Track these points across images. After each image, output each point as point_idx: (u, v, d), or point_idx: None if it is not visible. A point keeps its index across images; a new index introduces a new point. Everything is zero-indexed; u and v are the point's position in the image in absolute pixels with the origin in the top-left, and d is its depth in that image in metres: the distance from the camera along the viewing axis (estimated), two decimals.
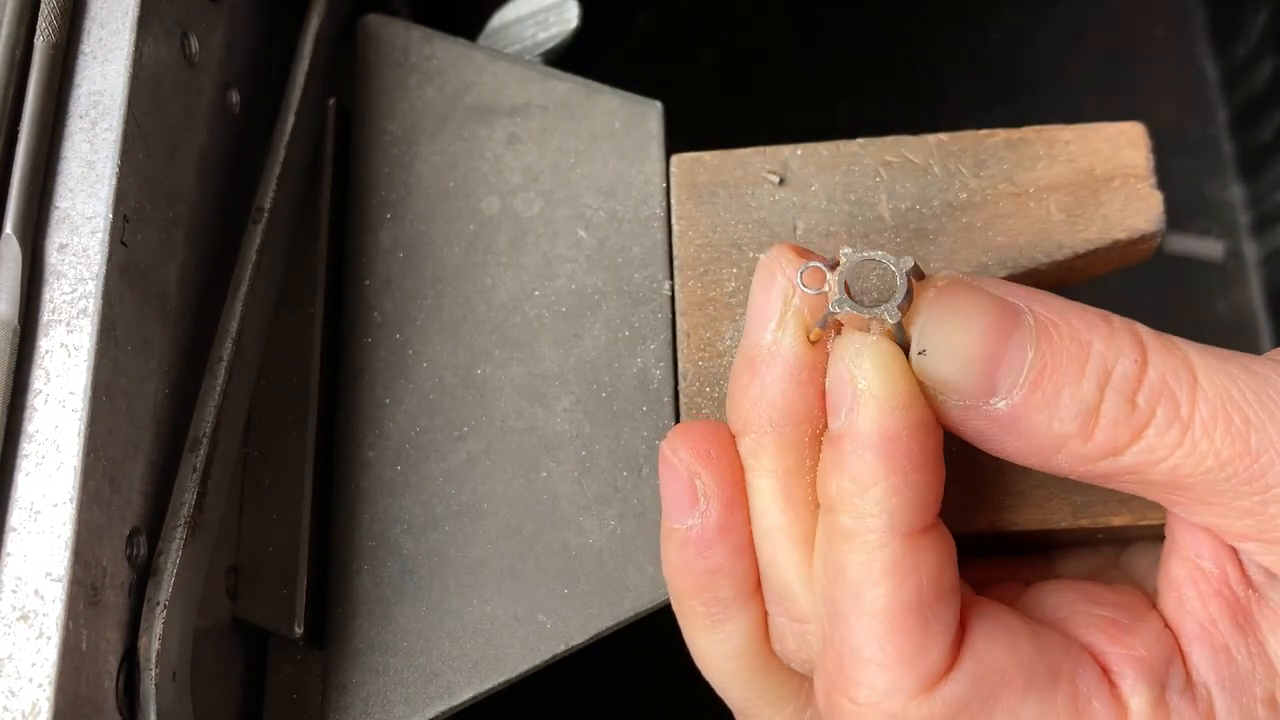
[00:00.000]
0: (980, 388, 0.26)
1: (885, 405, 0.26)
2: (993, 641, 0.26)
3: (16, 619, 0.26)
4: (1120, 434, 0.26)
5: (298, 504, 0.34)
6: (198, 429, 0.31)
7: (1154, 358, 0.26)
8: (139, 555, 0.29)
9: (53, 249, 0.29)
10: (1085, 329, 0.26)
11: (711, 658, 0.30)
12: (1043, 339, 0.26)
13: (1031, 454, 0.26)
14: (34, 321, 0.29)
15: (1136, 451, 0.26)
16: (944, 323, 0.26)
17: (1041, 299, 0.27)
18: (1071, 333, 0.26)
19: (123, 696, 0.28)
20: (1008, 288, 0.27)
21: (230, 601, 0.34)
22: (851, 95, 0.61)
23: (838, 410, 0.27)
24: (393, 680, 0.32)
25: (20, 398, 0.28)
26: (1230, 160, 0.60)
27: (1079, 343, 0.26)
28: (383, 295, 0.36)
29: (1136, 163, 0.34)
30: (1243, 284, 0.58)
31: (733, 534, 0.28)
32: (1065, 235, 0.33)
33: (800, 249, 0.28)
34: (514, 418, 0.34)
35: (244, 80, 0.37)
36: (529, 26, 0.39)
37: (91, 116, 0.30)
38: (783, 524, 0.28)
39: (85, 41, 0.31)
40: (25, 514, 0.27)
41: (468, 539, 0.33)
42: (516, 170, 0.37)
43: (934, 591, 0.26)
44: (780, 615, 0.29)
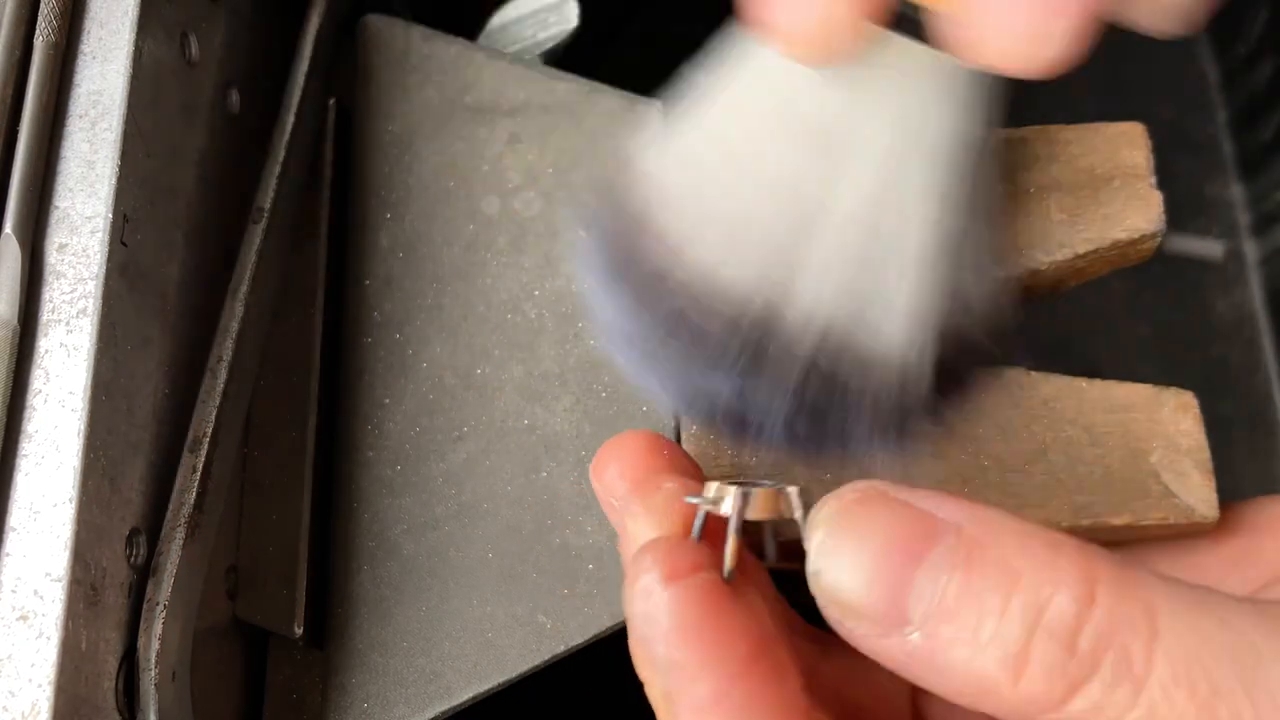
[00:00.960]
0: (888, 614, 0.22)
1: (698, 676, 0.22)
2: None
3: (16, 619, 0.26)
4: (1055, 684, 0.21)
5: (297, 504, 0.34)
6: (198, 429, 0.31)
7: (1105, 599, 0.22)
8: (139, 555, 0.29)
9: (52, 249, 0.29)
10: (1017, 554, 0.22)
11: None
12: (966, 562, 0.22)
13: (959, 693, 0.22)
14: (33, 321, 0.29)
15: (1081, 709, 0.21)
16: (845, 537, 0.23)
17: (982, 518, 0.23)
18: (999, 558, 0.22)
19: (122, 697, 0.28)
20: (946, 502, 0.23)
21: (230, 602, 0.34)
22: None
23: (650, 681, 0.24)
24: (392, 680, 0.32)
25: (20, 397, 0.28)
26: (1230, 160, 0.60)
27: (1006, 571, 0.22)
28: (382, 295, 0.36)
29: (1136, 162, 0.34)
30: (1243, 284, 0.58)
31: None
32: (1065, 235, 0.33)
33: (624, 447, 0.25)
34: (514, 418, 0.34)
35: (244, 80, 0.37)
36: (529, 26, 0.39)
37: (91, 116, 0.30)
38: None
39: (85, 41, 0.31)
40: (25, 514, 0.27)
41: (467, 539, 0.33)
42: (516, 170, 0.36)
43: None
44: None
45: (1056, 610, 0.21)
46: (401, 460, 0.34)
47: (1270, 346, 0.56)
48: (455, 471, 0.34)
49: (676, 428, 0.33)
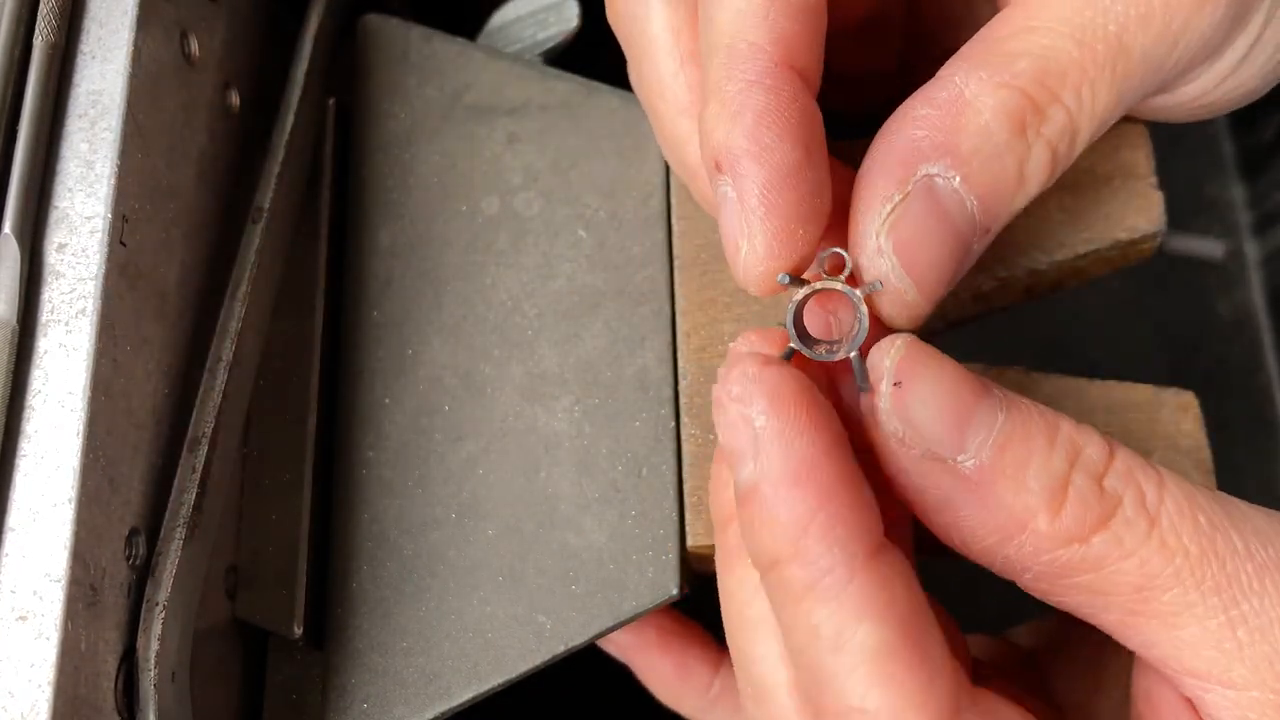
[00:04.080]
0: (950, 438, 0.25)
1: (792, 434, 0.24)
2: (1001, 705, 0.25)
3: (15, 620, 0.26)
4: (1088, 515, 0.24)
5: (297, 504, 0.34)
6: (197, 429, 0.31)
7: (1121, 453, 0.25)
8: (138, 556, 0.29)
9: (51, 249, 0.29)
10: (1052, 413, 0.25)
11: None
12: (1013, 409, 0.25)
13: (993, 531, 0.25)
14: (33, 321, 0.29)
15: (1102, 541, 0.24)
16: (921, 365, 0.25)
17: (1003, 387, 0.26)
18: (1039, 411, 0.25)
19: (122, 697, 0.28)
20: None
21: (229, 602, 0.34)
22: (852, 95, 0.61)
23: (743, 461, 0.25)
24: (392, 681, 0.32)
25: (19, 398, 0.28)
26: (1231, 160, 0.60)
27: (1047, 421, 0.25)
28: (382, 295, 0.36)
29: (1137, 162, 0.34)
30: (1243, 284, 0.58)
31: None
32: (1065, 235, 0.33)
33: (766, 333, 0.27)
34: (514, 418, 0.34)
35: (243, 80, 0.37)
36: (529, 26, 0.39)
37: (90, 116, 0.30)
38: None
39: (84, 41, 0.31)
40: (24, 514, 0.27)
41: (467, 539, 0.33)
42: (516, 170, 0.36)
43: (917, 615, 0.24)
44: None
45: (1089, 455, 0.25)
46: (401, 460, 0.34)
47: (1271, 346, 0.56)
48: (455, 472, 0.34)
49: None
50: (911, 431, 0.25)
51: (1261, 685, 0.23)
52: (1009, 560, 0.25)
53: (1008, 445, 0.25)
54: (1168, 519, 0.24)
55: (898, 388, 0.25)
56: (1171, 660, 0.24)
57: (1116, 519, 0.24)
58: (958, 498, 0.25)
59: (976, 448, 0.24)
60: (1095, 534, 0.24)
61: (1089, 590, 0.25)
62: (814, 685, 0.24)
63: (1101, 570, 0.24)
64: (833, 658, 0.24)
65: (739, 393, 0.25)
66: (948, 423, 0.25)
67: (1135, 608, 0.24)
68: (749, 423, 0.25)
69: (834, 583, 0.24)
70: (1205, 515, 0.24)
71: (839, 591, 0.24)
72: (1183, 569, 0.24)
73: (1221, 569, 0.24)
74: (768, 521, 0.24)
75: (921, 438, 0.25)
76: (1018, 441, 0.25)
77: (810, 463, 0.24)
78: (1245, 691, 0.24)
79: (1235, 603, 0.24)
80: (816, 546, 0.24)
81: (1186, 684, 0.25)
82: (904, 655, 0.23)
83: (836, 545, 0.24)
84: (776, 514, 0.24)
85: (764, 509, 0.24)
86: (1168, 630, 0.24)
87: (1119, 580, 0.24)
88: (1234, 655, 0.24)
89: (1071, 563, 0.24)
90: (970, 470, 0.24)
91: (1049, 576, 0.25)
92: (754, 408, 0.25)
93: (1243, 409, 0.56)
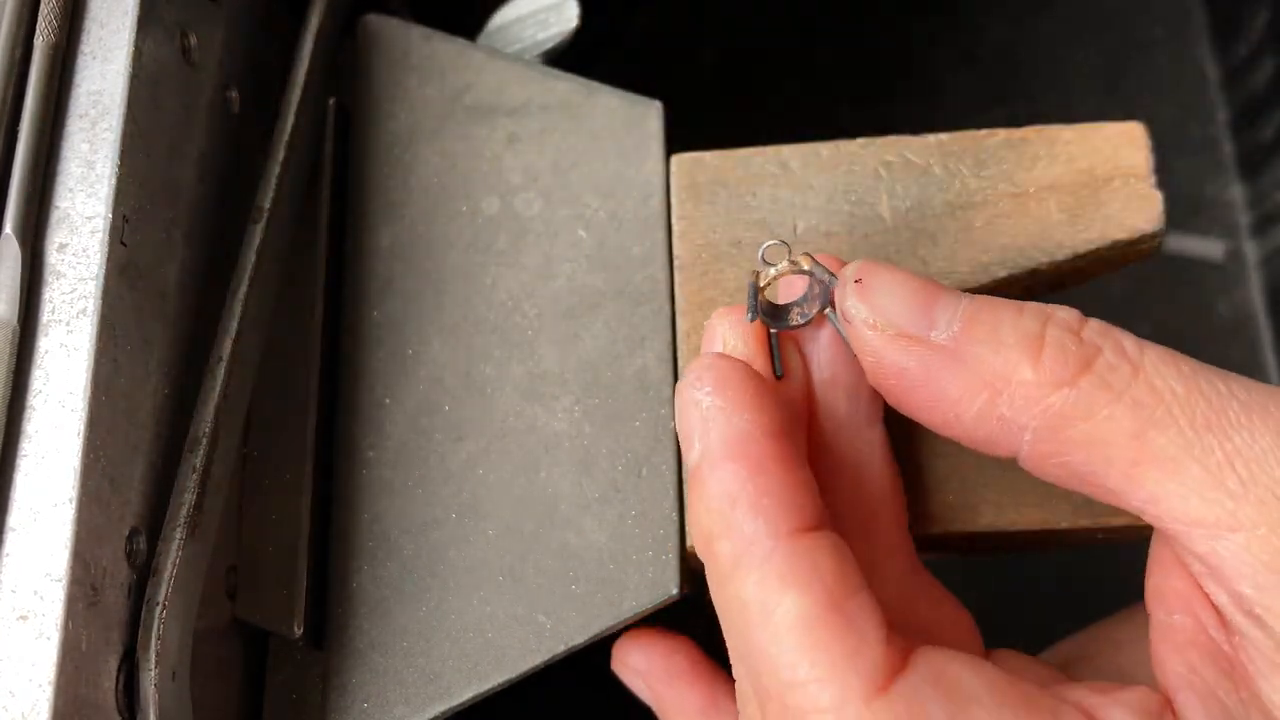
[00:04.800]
0: (918, 318, 0.26)
1: (732, 411, 0.25)
2: (950, 660, 0.24)
3: (16, 619, 0.26)
4: (1069, 359, 0.25)
5: (297, 504, 0.34)
6: (197, 429, 0.31)
7: (1094, 320, 0.26)
8: (138, 555, 0.29)
9: (52, 249, 0.29)
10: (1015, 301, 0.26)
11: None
12: (975, 297, 0.26)
13: (980, 390, 0.25)
14: (33, 321, 0.29)
15: (1090, 384, 0.25)
16: (878, 266, 0.27)
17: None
18: (1002, 300, 0.26)
19: (122, 697, 0.28)
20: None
21: (230, 602, 0.34)
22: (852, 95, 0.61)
23: (690, 441, 0.26)
24: (392, 680, 0.32)
25: (20, 398, 0.28)
26: (1231, 160, 0.60)
27: (1011, 301, 0.26)
28: (382, 295, 0.36)
29: (1137, 162, 0.34)
30: (1243, 284, 0.58)
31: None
32: (1065, 235, 0.33)
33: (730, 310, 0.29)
34: (514, 418, 0.34)
35: (244, 80, 0.37)
36: (529, 26, 0.39)
37: (91, 116, 0.30)
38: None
39: (85, 41, 0.31)
40: (25, 514, 0.27)
41: (467, 539, 0.33)
42: (516, 170, 0.36)
43: (843, 589, 0.24)
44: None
45: (1060, 316, 0.26)
46: (401, 460, 0.34)
47: (1270, 347, 0.56)
48: (455, 471, 0.34)
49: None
50: (879, 315, 0.26)
51: (1267, 521, 0.23)
52: (1005, 420, 0.25)
53: (977, 316, 0.26)
54: (1150, 364, 0.25)
55: (859, 283, 0.27)
56: (1179, 512, 0.24)
57: (1099, 363, 0.25)
58: (937, 367, 0.26)
59: (946, 323, 0.26)
60: (1081, 376, 0.25)
61: (1087, 442, 0.25)
62: (751, 669, 0.24)
63: (1095, 417, 0.25)
64: (761, 632, 0.24)
65: (692, 378, 0.26)
66: (913, 305, 0.26)
67: (1135, 457, 0.24)
68: (698, 405, 0.26)
69: (759, 553, 0.24)
70: (1186, 363, 0.25)
71: (763, 562, 0.24)
72: (1173, 406, 0.24)
73: (1210, 406, 0.24)
74: (703, 497, 0.25)
75: (890, 320, 0.26)
76: (985, 312, 0.26)
77: (745, 437, 0.25)
78: (1254, 531, 0.23)
79: (1229, 437, 0.24)
80: (743, 518, 0.24)
81: (1196, 539, 0.24)
82: (830, 621, 0.23)
83: (762, 516, 0.24)
84: (710, 488, 0.25)
85: (701, 485, 0.25)
86: (1170, 477, 0.24)
87: (1115, 427, 0.24)
88: (1238, 494, 0.24)
89: (1065, 409, 0.25)
90: (945, 340, 0.26)
91: (1047, 432, 0.25)
92: (702, 390, 0.26)
93: None
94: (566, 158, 0.36)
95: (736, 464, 0.25)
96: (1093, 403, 0.25)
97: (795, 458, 0.26)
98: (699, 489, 0.25)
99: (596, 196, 0.36)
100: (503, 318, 0.35)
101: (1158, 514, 0.25)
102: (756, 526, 0.24)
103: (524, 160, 0.36)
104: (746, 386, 0.26)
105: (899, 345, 0.26)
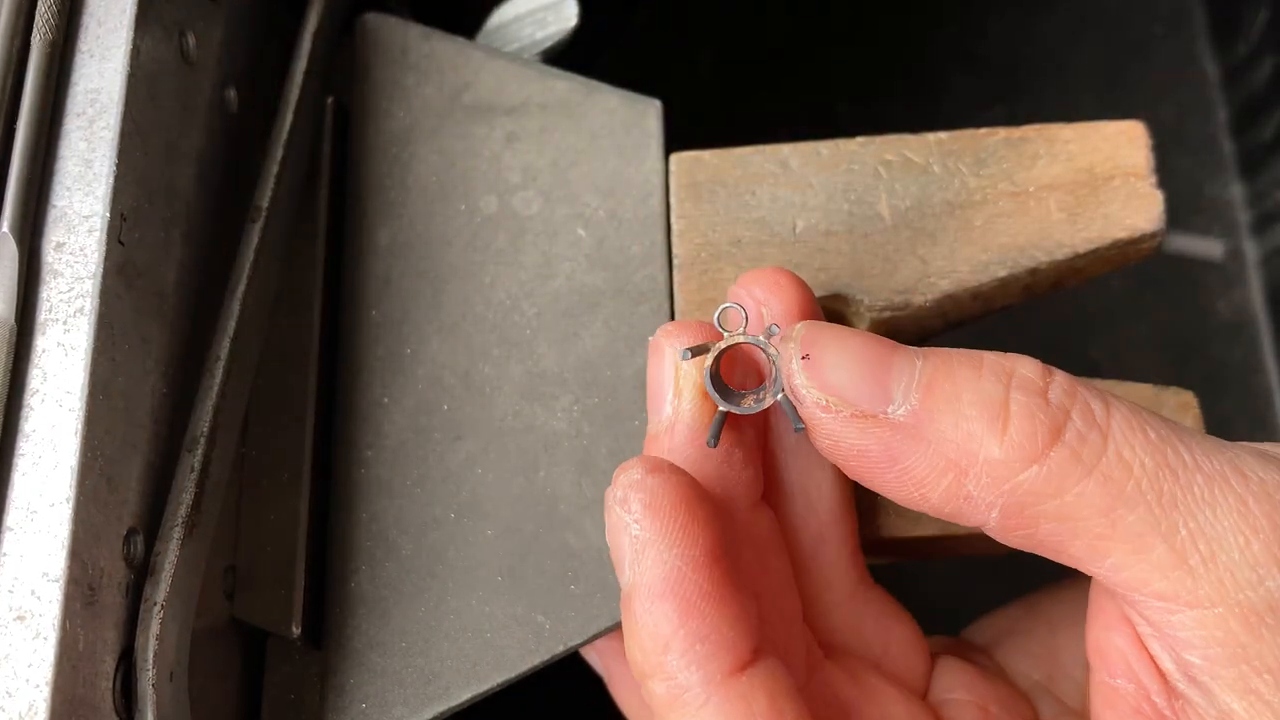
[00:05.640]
0: (873, 391, 0.24)
1: (663, 545, 0.24)
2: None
3: (13, 619, 0.26)
4: (1038, 429, 0.23)
5: (295, 504, 0.34)
6: (195, 428, 0.31)
7: (1059, 373, 0.25)
8: (136, 555, 0.29)
9: (50, 248, 0.29)
10: (973, 351, 0.25)
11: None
12: (930, 354, 0.25)
13: (945, 471, 0.24)
14: (31, 320, 0.29)
15: (1060, 457, 0.23)
16: (824, 335, 0.25)
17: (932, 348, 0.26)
18: (959, 351, 0.25)
19: (120, 697, 0.28)
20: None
21: (228, 602, 0.33)
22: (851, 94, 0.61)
23: (620, 564, 0.25)
24: (391, 681, 0.32)
25: (17, 397, 0.28)
26: (1230, 159, 0.60)
27: (968, 354, 0.25)
28: (381, 294, 0.36)
29: (1137, 161, 0.34)
30: (1243, 283, 0.58)
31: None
32: (1065, 234, 0.33)
33: (686, 324, 0.27)
34: (513, 417, 0.34)
35: (242, 79, 0.37)
36: (527, 25, 0.38)
37: (89, 115, 0.30)
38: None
39: (83, 39, 0.31)
40: (22, 514, 0.27)
41: (466, 539, 0.33)
42: (515, 169, 0.36)
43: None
44: None
45: (1022, 375, 0.24)
46: (400, 460, 0.34)
47: (1270, 346, 0.56)
48: (454, 471, 0.34)
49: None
50: (833, 395, 0.25)
51: (1225, 600, 0.23)
52: (972, 499, 0.24)
53: (934, 383, 0.24)
54: (1119, 431, 0.24)
55: (807, 360, 0.25)
56: (1139, 585, 0.24)
57: (1069, 432, 0.24)
58: (899, 447, 0.24)
59: (903, 394, 0.24)
60: (1050, 449, 0.23)
61: (1056, 517, 0.24)
62: None
63: (1065, 494, 0.24)
64: None
65: (620, 495, 0.25)
66: (866, 378, 0.24)
67: (1103, 531, 0.24)
68: (628, 530, 0.24)
69: (692, 700, 0.24)
70: (1153, 429, 0.24)
71: (697, 710, 0.24)
72: (1142, 482, 0.23)
73: (1176, 482, 0.23)
74: (636, 633, 0.24)
75: (844, 399, 0.24)
76: (943, 377, 0.24)
77: (678, 576, 0.24)
78: (1211, 609, 0.23)
79: (1193, 515, 0.23)
80: (677, 663, 0.24)
81: (1152, 609, 0.24)
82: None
83: (695, 663, 0.24)
84: (643, 627, 0.24)
85: (633, 620, 0.24)
86: (1135, 553, 0.24)
87: (1085, 503, 0.24)
88: (1199, 572, 0.23)
89: (1034, 487, 0.24)
90: (904, 416, 0.24)
91: (1015, 509, 0.24)
92: (631, 514, 0.24)
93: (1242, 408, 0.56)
94: (565, 156, 0.36)
95: (668, 604, 0.24)
96: (1064, 479, 0.23)
97: (729, 583, 0.24)
98: (631, 622, 0.24)
99: (595, 195, 0.36)
100: (501, 317, 0.35)
101: (1117, 582, 0.24)
102: (689, 675, 0.24)
103: (523, 159, 0.36)
104: (677, 512, 0.24)
105: (856, 426, 0.24)
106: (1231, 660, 0.23)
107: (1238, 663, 0.23)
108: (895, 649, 0.30)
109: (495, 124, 0.37)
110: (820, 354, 0.25)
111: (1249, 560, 0.23)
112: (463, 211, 0.36)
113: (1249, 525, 0.23)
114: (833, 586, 0.29)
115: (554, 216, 0.36)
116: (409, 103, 0.37)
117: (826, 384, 0.25)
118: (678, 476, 0.25)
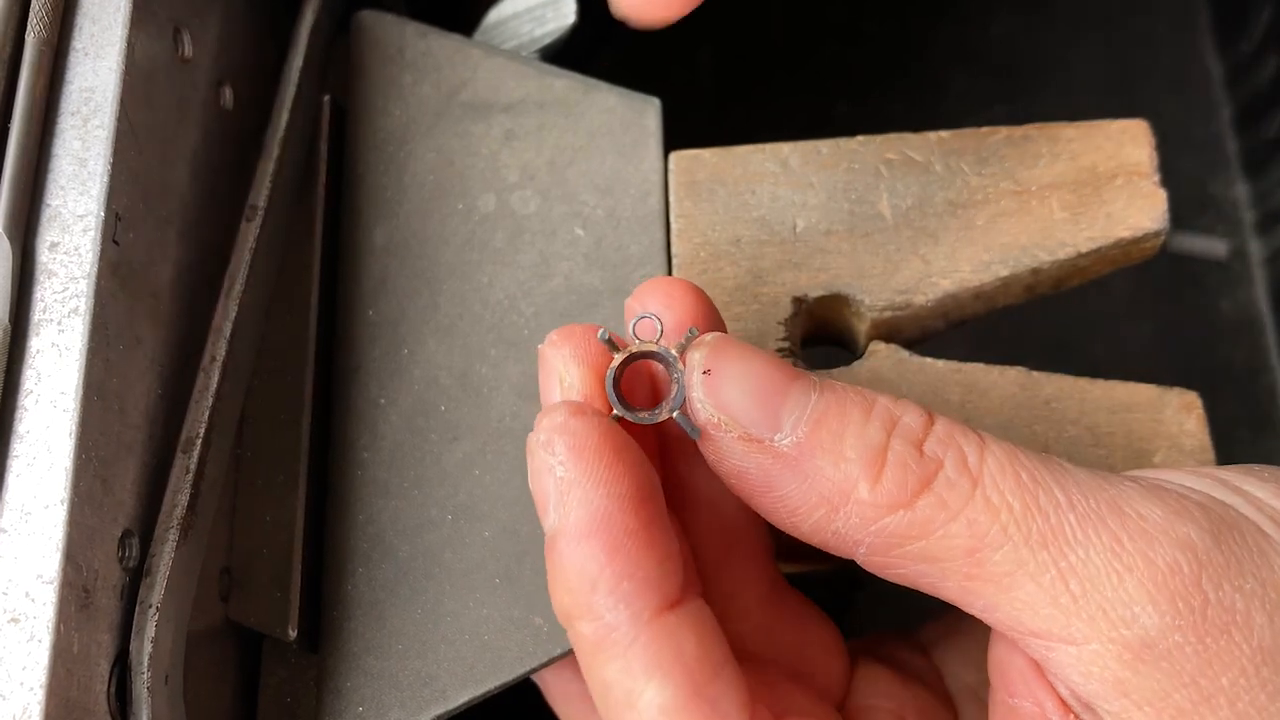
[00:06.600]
0: (764, 418, 0.25)
1: (589, 486, 0.24)
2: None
3: (7, 622, 0.26)
4: (909, 479, 0.24)
5: (291, 505, 0.33)
6: (190, 429, 0.31)
7: (940, 421, 0.25)
8: (131, 557, 0.29)
9: (44, 247, 0.29)
10: (868, 391, 0.26)
11: None
12: (826, 390, 0.25)
13: (818, 505, 0.25)
14: (25, 321, 0.28)
15: (927, 504, 0.24)
16: (729, 354, 0.25)
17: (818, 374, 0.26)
18: (855, 390, 0.25)
19: (115, 700, 0.28)
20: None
21: (223, 604, 0.33)
22: (851, 93, 0.61)
23: (544, 507, 0.25)
24: (387, 683, 0.32)
25: (11, 398, 0.28)
26: (1234, 158, 0.59)
27: (863, 396, 0.25)
28: (377, 294, 0.36)
29: (1140, 160, 0.34)
30: (1247, 282, 0.57)
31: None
32: (1068, 233, 0.33)
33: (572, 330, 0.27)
34: (510, 418, 0.34)
35: (237, 77, 0.37)
36: (525, 22, 0.38)
37: (83, 113, 0.30)
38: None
39: (76, 38, 0.31)
40: (16, 516, 0.27)
41: (463, 541, 0.33)
42: (513, 167, 0.36)
43: (706, 671, 0.24)
44: None
45: (906, 423, 0.25)
46: (397, 461, 0.34)
47: (1275, 345, 0.56)
48: (451, 472, 0.34)
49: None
50: (725, 415, 0.25)
51: (1100, 637, 0.23)
52: (840, 535, 0.25)
53: (823, 420, 0.25)
54: (989, 477, 0.24)
55: (708, 375, 0.25)
56: (1013, 623, 0.24)
57: (939, 481, 0.24)
58: (778, 475, 0.25)
59: (792, 425, 0.25)
60: (918, 498, 0.24)
61: (922, 558, 0.25)
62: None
63: (930, 536, 0.24)
64: (627, 714, 0.24)
65: (544, 439, 0.25)
66: (760, 403, 0.25)
67: (970, 572, 0.24)
68: (552, 471, 0.24)
69: (620, 639, 0.24)
70: (1026, 471, 0.24)
71: (625, 649, 0.24)
72: (1009, 525, 0.24)
73: (1046, 522, 0.24)
74: (562, 575, 0.24)
75: (736, 421, 0.25)
76: (833, 416, 0.25)
77: (603, 515, 0.24)
78: (1085, 646, 0.24)
79: (1063, 554, 0.24)
80: (604, 602, 0.24)
81: (1032, 645, 0.25)
82: (693, 710, 0.24)
83: (622, 601, 0.24)
84: (569, 566, 0.24)
85: (559, 561, 0.24)
86: (1004, 592, 0.24)
87: (950, 545, 0.24)
88: (1070, 610, 0.24)
89: (899, 530, 0.24)
90: (788, 447, 0.25)
91: (881, 548, 0.25)
92: (555, 456, 0.24)
93: (1247, 408, 0.55)
94: (564, 155, 0.36)
95: (594, 543, 0.24)
96: (928, 522, 0.24)
97: (656, 523, 0.25)
98: (556, 564, 0.24)
99: (594, 194, 0.36)
100: (499, 317, 0.35)
101: (995, 621, 0.25)
102: (617, 613, 0.24)
103: (521, 157, 0.36)
104: (603, 453, 0.24)
105: (740, 448, 0.25)
106: (1114, 694, 0.24)
107: (1119, 696, 0.24)
108: (812, 655, 0.31)
109: (493, 122, 0.37)
110: (721, 371, 0.25)
111: (1123, 598, 0.23)
112: (460, 211, 0.36)
113: (1122, 563, 0.23)
114: (742, 592, 0.29)
115: (552, 215, 0.36)
116: (405, 101, 0.37)
117: (721, 402, 0.25)
118: (603, 420, 0.25)
